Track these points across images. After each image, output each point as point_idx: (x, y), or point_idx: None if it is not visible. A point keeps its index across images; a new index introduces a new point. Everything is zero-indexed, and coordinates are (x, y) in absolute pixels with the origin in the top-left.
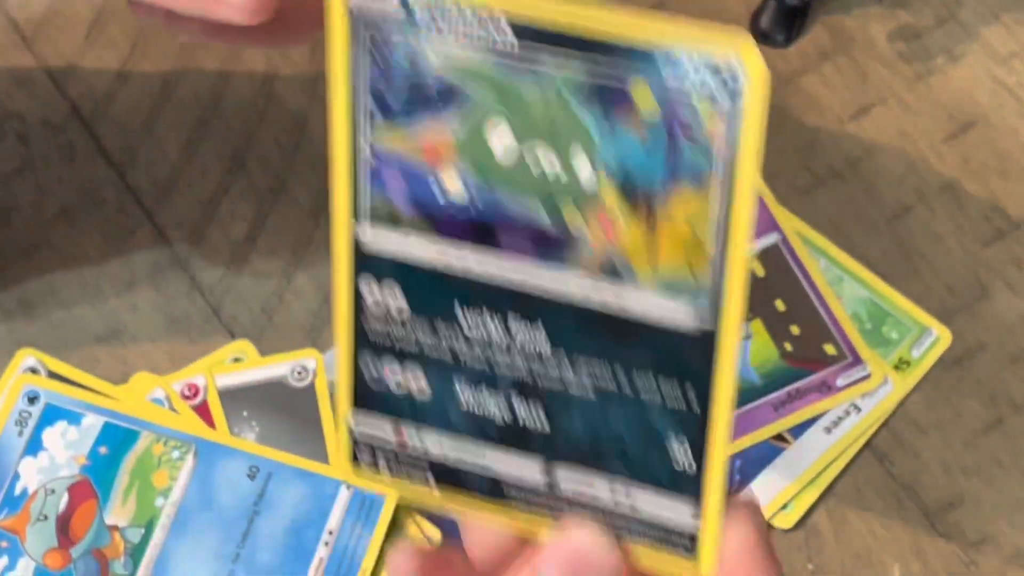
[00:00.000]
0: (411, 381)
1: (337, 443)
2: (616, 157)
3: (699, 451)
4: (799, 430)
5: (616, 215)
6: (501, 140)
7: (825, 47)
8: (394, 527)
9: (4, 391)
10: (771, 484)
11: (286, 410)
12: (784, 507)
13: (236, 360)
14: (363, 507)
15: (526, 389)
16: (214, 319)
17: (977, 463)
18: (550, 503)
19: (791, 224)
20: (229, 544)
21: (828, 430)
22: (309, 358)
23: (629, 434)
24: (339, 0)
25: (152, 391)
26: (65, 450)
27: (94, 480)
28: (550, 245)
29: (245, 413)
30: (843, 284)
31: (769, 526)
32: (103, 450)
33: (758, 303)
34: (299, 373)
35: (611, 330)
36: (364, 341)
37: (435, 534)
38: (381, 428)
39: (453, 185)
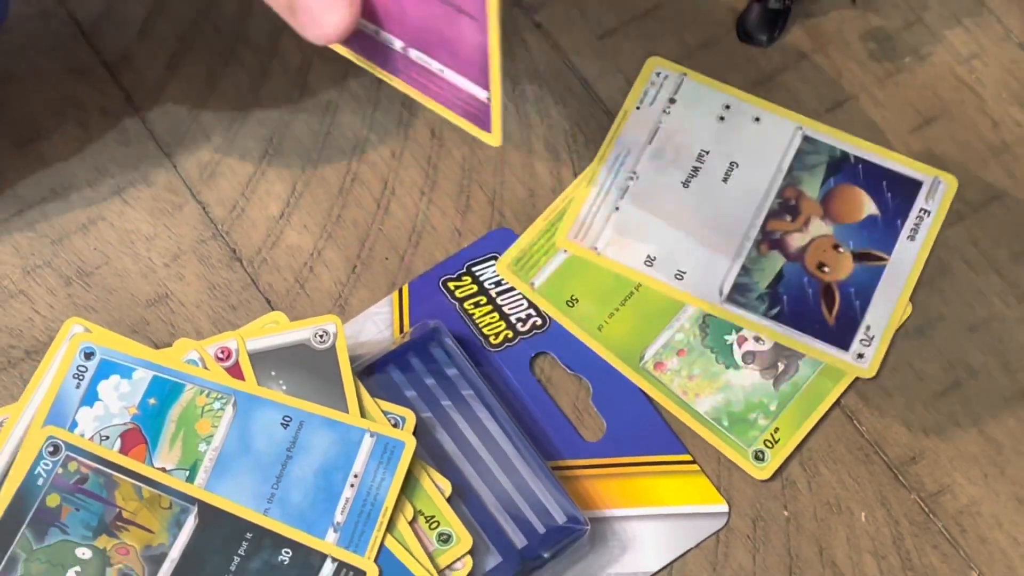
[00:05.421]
0: None
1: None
2: None
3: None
4: (888, 245)
5: None
6: None
7: (804, 47)
8: (412, 472)
9: (60, 350)
10: (888, 296)
11: (309, 370)
12: (760, 459)
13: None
14: (385, 452)
15: None
16: (252, 287)
17: (937, 422)
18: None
19: None
20: (265, 485)
21: (911, 237)
22: (330, 323)
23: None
24: None
25: (188, 353)
26: (118, 401)
27: (144, 428)
28: None
29: (273, 373)
30: None
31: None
32: (152, 401)
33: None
34: (321, 336)
35: None
36: None
37: (446, 484)
38: None
39: None
